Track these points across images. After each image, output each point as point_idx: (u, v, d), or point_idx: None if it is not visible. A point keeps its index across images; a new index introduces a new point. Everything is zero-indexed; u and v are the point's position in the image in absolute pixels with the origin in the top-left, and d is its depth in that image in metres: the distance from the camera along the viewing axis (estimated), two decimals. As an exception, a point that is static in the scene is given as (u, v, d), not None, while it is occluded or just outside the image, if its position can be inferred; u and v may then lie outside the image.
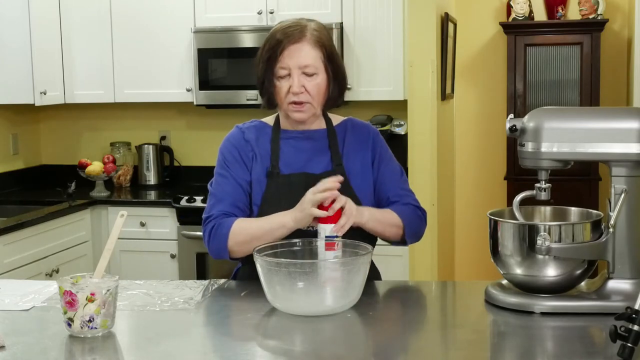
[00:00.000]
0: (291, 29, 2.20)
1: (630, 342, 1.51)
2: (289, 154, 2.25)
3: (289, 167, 2.23)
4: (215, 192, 2.26)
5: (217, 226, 2.19)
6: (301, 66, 2.17)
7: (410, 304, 2.03)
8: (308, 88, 2.17)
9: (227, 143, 2.32)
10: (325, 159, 2.25)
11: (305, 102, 2.18)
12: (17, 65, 4.28)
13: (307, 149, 2.26)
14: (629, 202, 1.89)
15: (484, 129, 5.27)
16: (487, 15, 5.21)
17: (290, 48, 2.17)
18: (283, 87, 2.18)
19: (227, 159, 2.28)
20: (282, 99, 2.20)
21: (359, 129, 2.33)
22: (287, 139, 2.27)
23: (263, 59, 2.23)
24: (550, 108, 1.98)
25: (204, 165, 4.92)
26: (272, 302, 1.92)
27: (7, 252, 3.67)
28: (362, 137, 2.31)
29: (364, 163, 2.27)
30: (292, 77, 2.17)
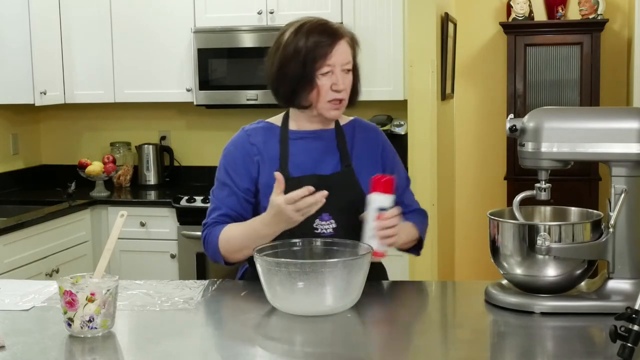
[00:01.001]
0: (327, 27, 2.20)
1: (630, 342, 1.51)
2: (298, 155, 2.23)
3: (298, 169, 2.21)
4: (213, 198, 2.29)
5: (208, 234, 2.24)
6: (343, 63, 2.17)
7: (410, 304, 2.03)
8: (346, 85, 2.18)
9: (232, 148, 2.31)
10: (334, 159, 2.24)
11: (342, 99, 2.19)
12: (17, 65, 4.28)
13: (317, 149, 2.25)
14: (629, 202, 1.89)
15: (484, 129, 5.27)
16: (487, 15, 5.21)
17: (338, 45, 2.16)
18: (326, 84, 2.16)
19: (228, 166, 2.27)
20: (322, 96, 2.17)
21: (368, 131, 2.33)
22: (296, 140, 2.25)
23: (302, 57, 2.15)
24: (550, 108, 1.98)
25: (204, 165, 4.92)
26: (272, 302, 1.93)
27: (7, 252, 3.67)
28: (371, 140, 2.31)
29: (373, 165, 2.27)
30: (334, 74, 2.15)
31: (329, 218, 2.18)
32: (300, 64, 2.15)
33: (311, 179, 2.18)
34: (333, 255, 1.99)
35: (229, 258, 2.20)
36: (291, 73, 2.16)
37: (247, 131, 2.31)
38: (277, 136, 2.26)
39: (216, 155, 5.25)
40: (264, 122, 2.32)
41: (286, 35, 2.20)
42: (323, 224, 2.17)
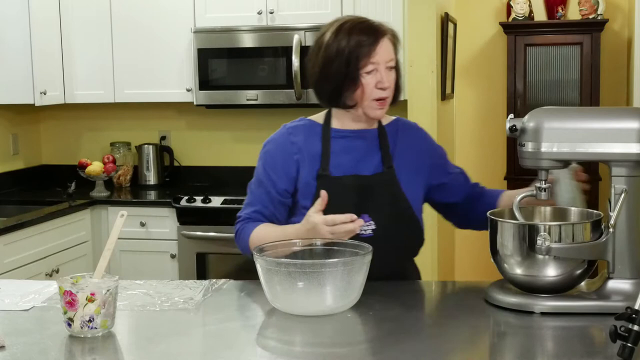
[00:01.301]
0: (369, 24, 2.18)
1: (630, 342, 1.51)
2: (340, 154, 2.22)
3: (339, 169, 2.20)
4: (250, 193, 2.28)
5: (241, 230, 2.24)
6: (387, 61, 2.15)
7: (410, 304, 2.03)
8: (390, 84, 2.17)
9: (272, 147, 2.28)
10: (375, 159, 2.23)
11: (387, 97, 2.17)
12: (17, 65, 4.28)
13: (358, 148, 2.23)
14: (629, 202, 1.89)
15: (484, 129, 5.27)
16: (487, 15, 5.21)
17: (381, 43, 2.15)
18: (370, 83, 2.14)
19: (267, 165, 2.25)
20: (367, 94, 2.16)
21: (411, 131, 2.32)
22: (338, 139, 2.23)
23: (346, 56, 2.14)
24: (550, 108, 1.98)
25: (204, 165, 4.92)
26: (272, 302, 1.92)
27: (7, 252, 3.67)
28: (414, 139, 2.30)
29: (417, 166, 2.25)
30: (379, 72, 2.14)
31: (368, 219, 2.16)
32: (344, 63, 2.14)
33: (351, 179, 2.18)
34: (333, 256, 1.99)
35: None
36: (335, 73, 2.16)
37: (289, 129, 2.28)
38: (319, 134, 2.24)
39: (216, 156, 5.26)
40: (306, 120, 2.30)
41: (327, 35, 2.18)
42: (362, 225, 2.15)
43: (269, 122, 4.76)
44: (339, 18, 2.24)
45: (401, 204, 2.20)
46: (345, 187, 2.17)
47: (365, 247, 1.97)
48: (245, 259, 2.20)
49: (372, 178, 2.19)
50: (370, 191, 2.18)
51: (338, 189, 2.16)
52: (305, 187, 2.20)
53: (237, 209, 2.28)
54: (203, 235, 4.20)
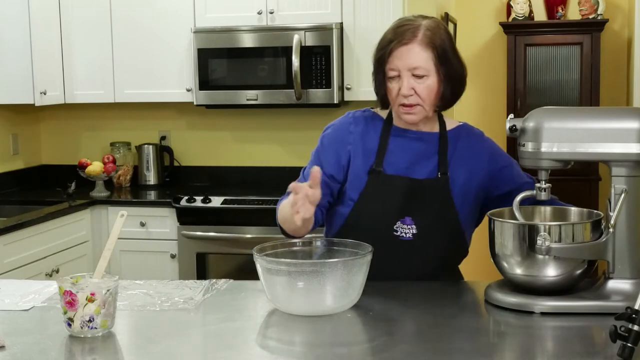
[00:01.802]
0: (402, 29, 2.15)
1: (630, 342, 1.51)
2: (396, 153, 2.20)
3: (392, 167, 2.18)
4: (302, 171, 2.27)
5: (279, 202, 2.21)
6: (410, 68, 2.11)
7: (410, 304, 2.03)
8: (418, 90, 2.12)
9: (331, 131, 2.28)
10: (431, 164, 2.20)
11: (415, 104, 2.13)
12: (17, 65, 4.28)
13: (415, 150, 2.21)
14: (629, 202, 1.89)
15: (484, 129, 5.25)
16: (487, 15, 5.21)
17: (400, 49, 2.11)
18: (393, 89, 2.14)
19: (322, 146, 2.26)
20: (393, 100, 2.16)
21: (473, 138, 2.28)
22: (397, 137, 2.22)
23: (375, 59, 2.18)
24: (550, 108, 1.98)
25: (204, 165, 4.92)
26: (272, 302, 1.92)
27: (7, 252, 3.67)
28: (476, 148, 2.25)
29: (474, 176, 2.21)
30: (401, 79, 2.12)
31: (410, 222, 2.15)
32: (375, 65, 2.18)
33: (403, 180, 2.16)
34: (333, 256, 1.99)
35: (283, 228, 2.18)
36: (373, 77, 2.21)
37: (351, 118, 2.28)
38: (379, 128, 2.23)
39: (216, 156, 5.27)
40: (371, 112, 2.29)
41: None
42: (404, 227, 2.15)
43: (269, 122, 4.78)
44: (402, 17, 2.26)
45: (448, 213, 2.17)
46: (394, 187, 2.15)
47: (365, 247, 1.97)
48: (245, 259, 2.20)
49: (423, 182, 2.17)
50: (419, 195, 2.15)
51: (387, 187, 2.15)
52: (355, 179, 2.19)
53: (238, 209, 2.28)
54: (203, 235, 4.20)
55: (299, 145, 4.75)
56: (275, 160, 4.81)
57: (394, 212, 2.16)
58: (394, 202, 2.15)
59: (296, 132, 4.76)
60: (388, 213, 2.16)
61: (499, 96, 5.11)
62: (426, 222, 2.16)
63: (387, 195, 2.15)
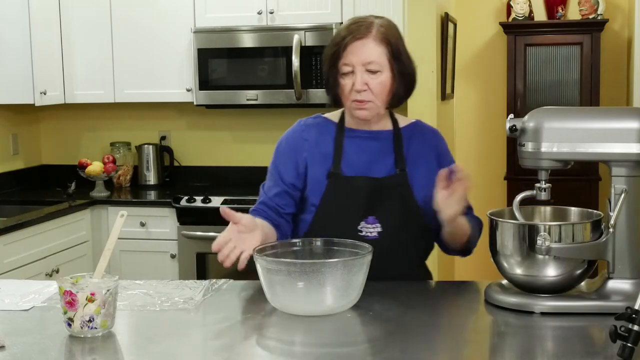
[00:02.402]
0: (356, 25, 2.17)
1: (630, 342, 1.51)
2: (352, 154, 2.21)
3: (351, 169, 2.20)
4: (262, 186, 2.31)
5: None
6: (364, 63, 2.12)
7: (410, 304, 2.03)
8: (371, 86, 2.13)
9: (284, 140, 2.29)
10: (389, 162, 2.21)
11: (368, 100, 2.14)
12: (17, 65, 4.28)
13: (371, 150, 2.22)
14: (629, 202, 1.89)
15: (484, 129, 5.27)
16: (487, 15, 5.21)
17: (354, 44, 2.13)
18: (347, 85, 2.14)
19: (277, 157, 2.28)
20: (346, 96, 2.16)
21: (426, 134, 2.29)
22: (352, 138, 2.23)
23: (328, 56, 2.18)
24: (550, 108, 1.98)
25: (204, 165, 4.92)
26: (272, 302, 1.92)
27: (7, 252, 3.67)
28: (429, 143, 2.27)
29: (429, 170, 2.21)
30: (355, 74, 2.13)
31: (374, 221, 2.16)
32: (327, 61, 2.18)
33: (362, 180, 2.17)
34: (333, 255, 1.99)
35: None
36: (324, 73, 2.21)
37: (302, 126, 2.29)
38: (333, 132, 2.24)
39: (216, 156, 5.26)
40: (321, 118, 2.30)
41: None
42: (368, 227, 2.16)
43: (269, 122, 4.78)
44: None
45: (411, 208, 2.18)
46: (355, 187, 2.16)
47: (365, 247, 1.97)
48: (246, 259, 2.20)
49: (383, 180, 2.18)
50: (380, 193, 2.17)
51: (348, 189, 2.16)
52: (315, 184, 2.20)
53: (237, 209, 2.28)
54: (203, 235, 4.20)
55: (299, 145, 4.75)
56: (275, 160, 4.80)
57: (356, 212, 2.16)
58: (355, 202, 2.16)
59: (296, 132, 4.76)
60: (351, 214, 2.17)
61: (499, 96, 5.11)
62: (390, 219, 2.16)
63: (349, 197, 2.16)
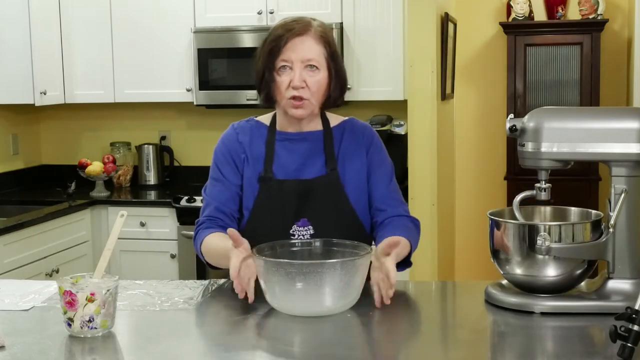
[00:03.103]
0: (294, 23, 2.17)
1: (630, 342, 1.51)
2: (283, 157, 2.20)
3: (282, 171, 2.19)
4: (205, 196, 2.27)
5: (197, 236, 2.23)
6: (304, 60, 2.11)
7: (410, 304, 2.03)
8: (309, 83, 2.12)
9: (221, 144, 2.29)
10: (319, 162, 2.20)
11: (305, 98, 2.12)
12: (17, 65, 4.28)
13: (302, 151, 2.21)
14: (629, 202, 1.89)
15: (484, 129, 5.27)
16: (487, 15, 5.20)
17: (294, 41, 2.12)
18: (284, 81, 2.12)
19: (218, 161, 2.26)
20: (281, 93, 2.14)
21: (357, 132, 2.25)
22: (282, 141, 2.22)
23: (264, 53, 2.17)
24: (550, 108, 1.98)
25: (204, 165, 4.89)
26: (271, 302, 1.92)
27: (7, 252, 3.67)
28: (359, 141, 2.24)
29: (360, 169, 2.20)
30: (293, 71, 2.11)
31: (306, 223, 2.15)
32: (262, 60, 2.17)
33: (293, 183, 2.16)
34: (332, 256, 1.98)
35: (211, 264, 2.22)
36: (257, 71, 2.19)
37: (236, 129, 2.29)
38: (264, 136, 2.24)
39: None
40: (254, 121, 2.31)
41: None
42: (300, 230, 2.15)
43: (269, 122, 4.78)
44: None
45: (343, 208, 2.17)
46: (286, 191, 2.15)
47: (364, 247, 1.97)
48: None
49: (314, 181, 2.17)
50: (311, 195, 2.15)
51: (279, 192, 2.16)
52: (248, 187, 2.20)
53: (237, 209, 2.28)
54: (203, 235, 4.20)
55: (299, 145, 4.75)
56: (275, 160, 4.81)
57: (289, 216, 2.15)
58: (287, 206, 2.15)
59: (296, 132, 4.76)
60: (283, 217, 2.16)
61: (499, 96, 5.11)
62: (322, 220, 2.15)
63: (280, 200, 2.15)
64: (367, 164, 2.22)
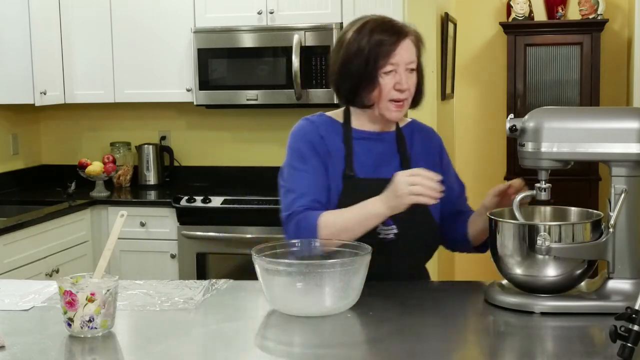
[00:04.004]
0: (391, 24, 2.16)
1: (630, 342, 1.51)
2: (361, 156, 2.20)
3: (362, 170, 2.18)
4: (294, 187, 2.16)
5: (303, 220, 2.10)
6: (407, 62, 2.13)
7: (410, 304, 2.03)
8: (409, 85, 2.15)
9: (302, 136, 2.21)
10: (394, 163, 2.21)
11: (405, 99, 2.15)
12: (17, 65, 4.28)
13: (379, 151, 2.21)
14: (629, 202, 1.89)
15: (484, 128, 5.27)
16: (487, 15, 5.21)
17: (402, 44, 2.12)
18: (388, 84, 2.12)
19: (304, 152, 2.18)
20: (384, 95, 2.14)
21: (426, 134, 2.31)
22: (360, 139, 2.21)
23: (365, 56, 2.12)
24: (550, 108, 1.98)
25: (204, 165, 4.92)
26: (271, 302, 1.92)
27: (7, 252, 3.67)
28: (429, 143, 2.29)
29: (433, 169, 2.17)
30: (398, 74, 2.12)
31: (390, 223, 2.14)
32: (363, 62, 2.12)
33: (375, 182, 2.13)
34: (332, 256, 1.98)
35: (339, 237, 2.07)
36: (354, 72, 2.14)
37: (314, 122, 2.24)
38: (340, 133, 2.22)
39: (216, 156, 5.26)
40: (326, 116, 2.27)
41: (349, 34, 2.17)
42: (385, 229, 2.15)
43: (269, 122, 4.78)
44: (364, 16, 2.22)
45: (419, 208, 2.14)
46: (370, 189, 2.12)
47: (364, 247, 1.96)
48: (245, 259, 2.19)
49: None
50: None
51: (363, 191, 2.12)
52: (331, 183, 2.17)
53: (238, 209, 2.27)
54: (203, 235, 4.20)
55: (299, 145, 4.75)
56: (275, 160, 4.78)
57: None
58: None
59: (296, 132, 4.76)
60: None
61: (499, 96, 5.11)
62: (404, 220, 2.14)
63: (365, 199, 2.12)
64: (439, 165, 2.25)
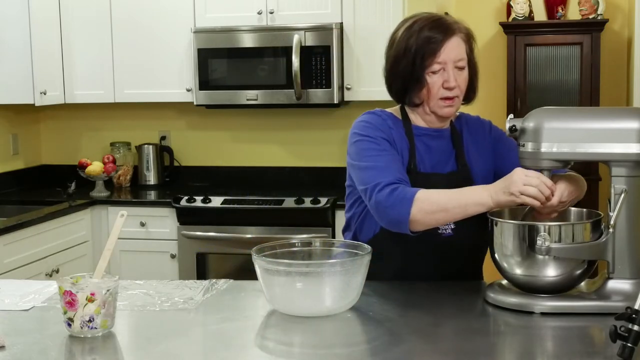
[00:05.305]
0: (440, 21, 2.17)
1: (630, 342, 1.51)
2: (422, 152, 2.21)
3: (423, 165, 2.19)
4: (375, 163, 2.11)
5: (398, 189, 2.03)
6: (455, 60, 2.14)
7: (410, 304, 2.03)
8: (459, 82, 2.15)
9: (372, 125, 2.20)
10: (450, 158, 2.22)
11: (455, 96, 2.16)
12: (17, 65, 4.28)
13: (437, 147, 2.23)
14: (629, 202, 1.89)
15: (484, 129, 5.26)
16: (487, 15, 5.20)
17: (449, 42, 2.13)
18: (436, 82, 2.13)
19: (376, 139, 2.16)
20: (433, 94, 2.15)
21: (475, 125, 2.30)
22: (420, 136, 2.22)
23: (412, 55, 2.13)
24: (550, 108, 1.98)
25: (204, 165, 4.92)
26: (271, 302, 1.92)
27: (7, 252, 3.67)
28: (477, 133, 2.28)
29: (486, 161, 2.24)
30: (446, 72, 2.13)
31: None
32: (411, 61, 2.14)
33: (435, 177, 2.16)
34: (332, 256, 1.98)
35: (416, 221, 2.01)
36: (402, 71, 2.16)
37: (381, 115, 2.24)
38: (401, 128, 2.22)
39: (216, 156, 5.26)
40: (387, 112, 2.27)
41: (399, 32, 2.19)
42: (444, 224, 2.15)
43: (269, 122, 4.78)
44: (414, 15, 2.23)
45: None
46: (432, 184, 2.12)
47: (364, 247, 1.97)
48: (245, 259, 2.20)
49: (449, 177, 2.18)
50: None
51: (425, 186, 2.10)
52: None
53: (238, 209, 2.27)
54: (203, 235, 4.20)
55: (299, 146, 4.76)
56: (275, 160, 4.81)
57: None
58: None
59: (296, 132, 4.76)
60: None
61: (499, 96, 5.11)
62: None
63: None
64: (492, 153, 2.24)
